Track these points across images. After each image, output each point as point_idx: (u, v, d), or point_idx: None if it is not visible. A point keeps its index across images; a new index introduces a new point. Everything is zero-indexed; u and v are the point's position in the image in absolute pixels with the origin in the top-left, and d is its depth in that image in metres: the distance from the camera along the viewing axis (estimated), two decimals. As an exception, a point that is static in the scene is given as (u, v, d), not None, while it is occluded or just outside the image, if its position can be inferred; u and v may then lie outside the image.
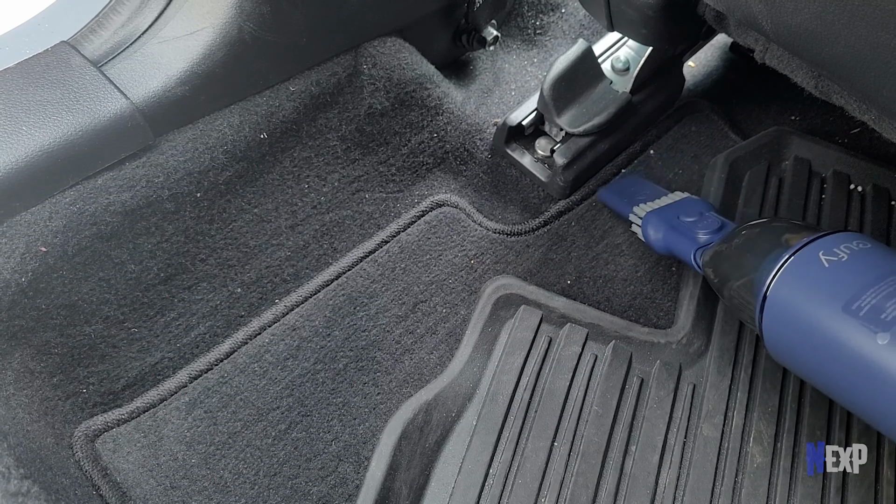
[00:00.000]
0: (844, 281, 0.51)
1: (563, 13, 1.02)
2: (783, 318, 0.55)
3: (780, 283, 0.55)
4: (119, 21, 0.63)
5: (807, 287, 0.53)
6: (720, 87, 0.99)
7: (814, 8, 0.47)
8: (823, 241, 0.55)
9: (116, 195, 0.64)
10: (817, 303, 0.52)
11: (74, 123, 0.58)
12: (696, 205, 0.76)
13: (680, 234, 0.72)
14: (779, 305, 0.55)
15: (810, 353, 0.53)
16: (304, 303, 0.76)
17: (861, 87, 0.51)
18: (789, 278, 0.55)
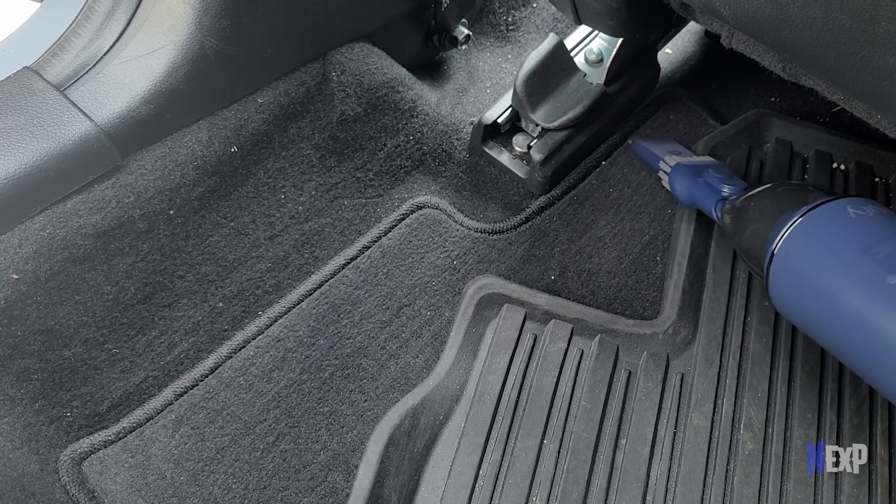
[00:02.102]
0: (869, 229, 0.53)
1: (535, 8, 1.02)
2: (793, 263, 0.57)
3: (789, 240, 0.57)
4: (80, 43, 0.63)
5: (828, 233, 0.55)
6: (698, 73, 0.99)
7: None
8: (854, 199, 0.57)
9: (87, 218, 0.64)
10: (836, 246, 0.54)
11: (39, 149, 0.58)
12: (725, 168, 0.78)
13: (705, 186, 0.74)
14: (786, 262, 0.57)
15: (817, 294, 0.55)
16: (288, 313, 0.76)
17: (823, 69, 0.51)
18: (809, 226, 0.57)
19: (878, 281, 0.49)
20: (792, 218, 0.58)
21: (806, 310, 0.57)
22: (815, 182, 0.84)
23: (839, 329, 0.54)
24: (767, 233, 0.60)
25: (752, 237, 0.63)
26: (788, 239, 0.57)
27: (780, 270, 0.58)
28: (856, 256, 0.51)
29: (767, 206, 0.63)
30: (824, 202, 0.58)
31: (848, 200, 0.57)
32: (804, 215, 0.58)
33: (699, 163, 0.79)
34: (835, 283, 0.53)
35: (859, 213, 0.55)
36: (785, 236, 0.58)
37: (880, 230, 0.53)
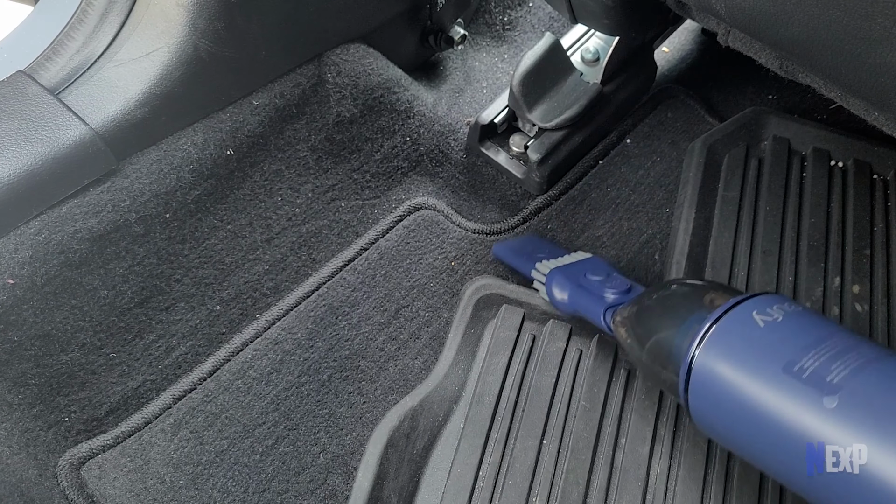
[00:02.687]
0: (783, 341, 0.47)
1: (531, 7, 1.02)
2: (714, 383, 0.49)
3: (711, 345, 0.50)
4: (74, 47, 0.63)
5: (741, 348, 0.48)
6: (696, 71, 0.98)
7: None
8: (756, 300, 0.50)
9: (83, 222, 0.63)
10: (754, 364, 0.47)
11: (34, 153, 0.58)
12: (601, 265, 0.73)
13: (587, 294, 0.68)
14: (708, 369, 0.50)
15: (745, 420, 0.48)
16: (286, 316, 0.76)
17: (820, 67, 0.51)
18: (721, 339, 0.50)
19: (814, 407, 0.43)
20: (696, 337, 0.51)
21: (735, 439, 0.51)
22: (710, 280, 0.77)
23: (778, 461, 0.47)
24: (672, 350, 0.53)
25: (655, 354, 0.56)
26: (700, 362, 0.50)
27: (702, 388, 0.50)
28: (782, 380, 0.45)
29: (666, 317, 0.56)
30: (728, 309, 0.51)
31: (753, 303, 0.50)
32: (710, 330, 0.50)
33: (574, 263, 0.74)
34: (765, 412, 0.46)
35: (767, 320, 0.48)
36: (695, 360, 0.50)
37: (794, 339, 0.47)
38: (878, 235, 0.80)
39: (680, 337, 0.52)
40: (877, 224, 0.81)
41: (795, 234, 0.80)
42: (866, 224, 0.81)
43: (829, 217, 0.81)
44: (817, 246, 0.79)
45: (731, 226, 0.81)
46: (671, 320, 0.54)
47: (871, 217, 0.81)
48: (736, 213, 0.81)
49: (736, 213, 0.81)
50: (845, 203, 0.83)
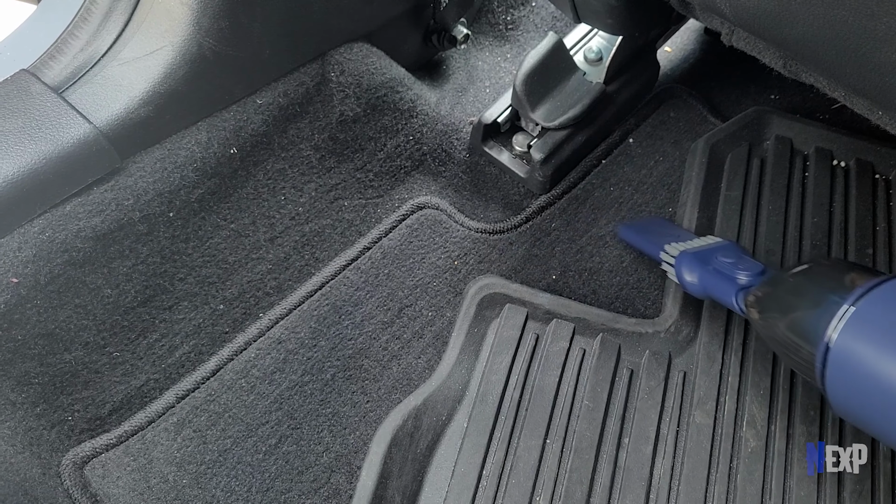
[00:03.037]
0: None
1: (534, 7, 1.02)
2: (854, 365, 0.47)
3: (852, 326, 0.47)
4: (78, 45, 0.63)
5: (884, 337, 0.45)
6: (698, 71, 0.98)
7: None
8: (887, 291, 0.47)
9: (86, 220, 0.63)
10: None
11: (38, 152, 0.58)
12: (733, 249, 0.71)
13: (719, 275, 0.67)
14: (849, 351, 0.47)
15: (889, 404, 0.45)
16: (289, 315, 0.76)
17: (825, 66, 0.51)
18: (860, 325, 0.47)
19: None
20: (832, 320, 0.48)
21: (881, 421, 0.48)
22: (855, 260, 0.78)
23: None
24: (809, 330, 0.51)
25: (790, 334, 0.54)
26: (842, 340, 0.47)
27: (841, 371, 0.48)
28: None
29: (804, 297, 0.54)
30: (866, 292, 0.48)
31: (892, 286, 0.47)
32: (846, 314, 0.48)
33: (704, 247, 0.72)
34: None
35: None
36: (836, 338, 0.48)
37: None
38: (880, 235, 0.81)
39: (817, 317, 0.50)
40: (879, 223, 0.81)
41: (798, 234, 0.80)
42: (868, 223, 0.81)
43: (831, 216, 0.81)
44: (819, 245, 0.79)
45: (734, 225, 0.81)
46: (809, 300, 0.53)
47: (873, 216, 0.82)
48: (738, 213, 0.81)
49: (738, 213, 0.81)
50: (847, 202, 0.83)
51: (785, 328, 0.54)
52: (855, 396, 0.47)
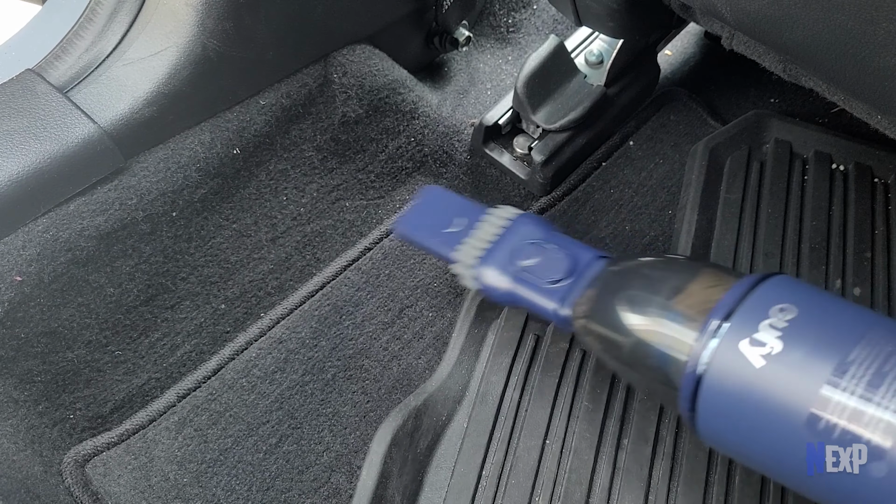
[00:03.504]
0: (792, 389, 0.36)
1: (535, 9, 1.02)
2: (729, 431, 0.40)
3: (710, 393, 0.39)
4: (83, 45, 0.63)
5: (748, 404, 0.38)
6: (698, 74, 0.99)
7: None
8: (738, 324, 0.38)
9: (90, 220, 0.64)
10: (771, 426, 0.37)
11: (42, 151, 0.58)
12: (528, 232, 0.57)
13: (531, 292, 0.54)
14: (714, 416, 0.40)
15: (776, 466, 0.39)
16: (290, 315, 0.76)
17: (824, 70, 0.51)
18: (719, 387, 0.39)
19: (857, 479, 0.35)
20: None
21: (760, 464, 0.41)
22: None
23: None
24: (661, 361, 0.43)
25: (640, 353, 0.45)
26: (705, 407, 0.39)
27: (713, 418, 0.40)
28: (811, 446, 0.36)
29: (644, 316, 0.44)
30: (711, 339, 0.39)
31: (737, 329, 0.38)
32: (703, 375, 0.39)
33: (498, 240, 0.57)
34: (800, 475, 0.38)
35: (764, 354, 0.37)
36: (699, 406, 0.39)
37: (805, 383, 0.35)
38: (879, 238, 0.81)
39: (677, 335, 0.42)
40: (878, 227, 0.82)
41: (797, 237, 0.80)
42: (867, 227, 0.81)
43: (830, 220, 0.82)
44: (819, 248, 0.79)
45: (734, 228, 0.81)
46: (653, 322, 0.44)
47: (872, 220, 0.82)
48: (738, 216, 0.82)
49: (738, 216, 0.82)
50: (846, 206, 0.83)
51: (631, 348, 0.45)
52: (732, 437, 0.40)
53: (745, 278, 0.40)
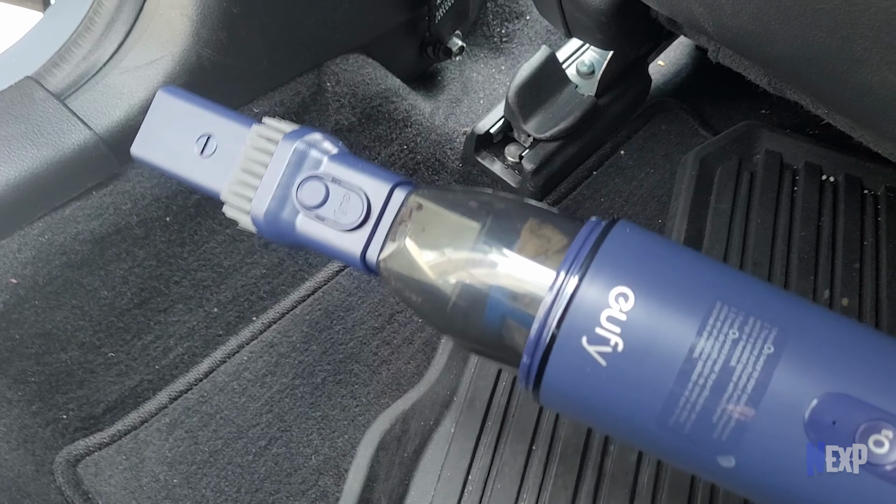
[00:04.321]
0: (639, 390, 0.32)
1: (528, 20, 1.03)
2: (570, 412, 0.37)
3: (552, 384, 0.34)
4: (81, 53, 0.64)
5: (593, 395, 0.34)
6: (690, 85, 1.00)
7: (750, 9, 0.48)
8: (577, 313, 0.33)
9: (85, 224, 0.65)
10: (625, 418, 0.33)
11: (39, 156, 0.59)
12: (307, 159, 0.42)
13: (325, 239, 0.42)
14: (561, 402, 0.36)
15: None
16: (281, 319, 0.77)
17: (805, 85, 0.52)
18: (559, 379, 0.34)
19: (712, 466, 0.32)
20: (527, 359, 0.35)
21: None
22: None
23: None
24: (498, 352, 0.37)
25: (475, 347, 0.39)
26: (547, 395, 0.35)
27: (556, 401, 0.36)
28: (665, 439, 0.33)
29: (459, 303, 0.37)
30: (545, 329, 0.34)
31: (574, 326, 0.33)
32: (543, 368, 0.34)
33: (274, 172, 0.42)
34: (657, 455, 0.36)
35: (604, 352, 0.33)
36: (541, 391, 0.35)
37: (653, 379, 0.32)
38: (867, 249, 0.82)
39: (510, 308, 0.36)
40: (867, 238, 0.82)
41: (786, 247, 0.81)
42: (856, 238, 0.82)
43: (819, 230, 0.83)
44: (808, 259, 0.80)
45: (723, 238, 0.82)
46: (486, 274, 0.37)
47: (861, 231, 0.83)
48: (728, 226, 0.83)
49: (728, 226, 0.83)
50: (836, 217, 0.84)
51: (456, 300, 0.37)
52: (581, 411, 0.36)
53: (581, 236, 0.35)
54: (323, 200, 0.41)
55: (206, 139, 0.45)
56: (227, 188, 0.44)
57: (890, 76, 0.44)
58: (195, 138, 0.45)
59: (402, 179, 0.42)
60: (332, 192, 0.41)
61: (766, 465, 0.30)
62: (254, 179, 0.42)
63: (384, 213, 0.41)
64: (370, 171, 0.42)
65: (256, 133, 0.43)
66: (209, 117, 0.46)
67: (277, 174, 0.42)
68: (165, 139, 0.46)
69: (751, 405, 0.30)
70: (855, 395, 0.29)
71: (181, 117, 0.46)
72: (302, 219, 0.42)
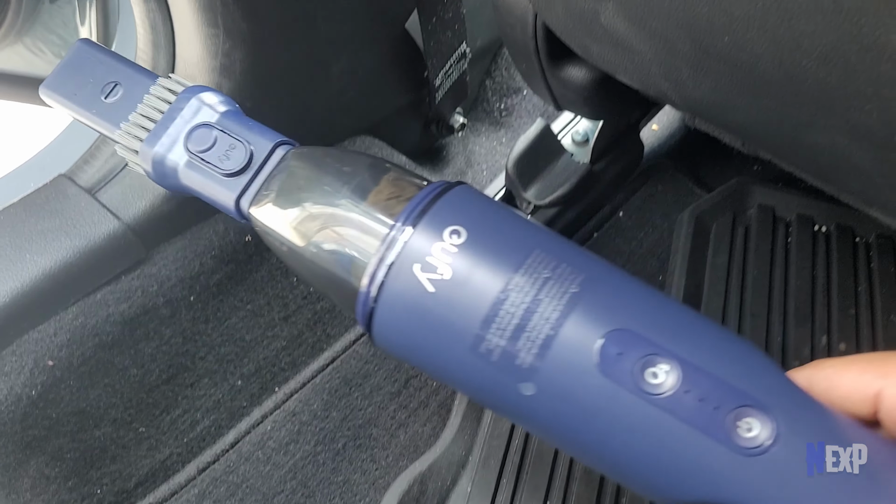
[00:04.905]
0: (460, 314, 0.35)
1: (525, 95, 1.09)
2: (400, 347, 0.38)
3: (385, 312, 0.37)
4: (109, 150, 0.70)
5: (419, 321, 0.36)
6: (684, 146, 1.04)
7: (708, 83, 0.53)
8: (415, 244, 0.36)
9: (115, 307, 0.70)
10: (440, 344, 0.36)
11: (73, 247, 0.65)
12: (200, 109, 0.45)
13: (206, 181, 0.44)
14: (390, 335, 0.37)
15: (448, 383, 0.38)
16: (302, 388, 0.81)
17: (769, 147, 0.56)
18: (394, 309, 0.36)
19: (513, 395, 0.34)
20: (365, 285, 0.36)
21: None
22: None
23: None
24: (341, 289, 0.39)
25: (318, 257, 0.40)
26: (379, 322, 0.37)
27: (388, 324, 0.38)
28: (472, 365, 0.35)
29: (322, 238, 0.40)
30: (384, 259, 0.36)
31: (411, 252, 0.35)
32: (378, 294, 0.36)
33: (166, 115, 0.45)
34: (467, 391, 0.37)
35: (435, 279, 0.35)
36: (374, 319, 0.37)
37: (472, 308, 0.34)
38: (862, 295, 0.84)
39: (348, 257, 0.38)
40: (860, 284, 0.85)
41: (783, 297, 0.84)
42: (850, 285, 0.84)
43: (814, 279, 0.85)
44: (804, 307, 0.83)
45: (721, 290, 0.85)
46: (335, 224, 0.40)
47: (854, 278, 0.85)
48: (725, 279, 0.86)
49: (725, 279, 0.86)
50: (830, 265, 0.87)
51: (310, 250, 0.40)
52: (410, 346, 0.38)
53: (426, 189, 0.38)
54: (209, 147, 0.43)
55: (112, 86, 0.46)
56: (122, 128, 0.45)
57: (836, 137, 0.48)
58: (102, 85, 0.47)
59: (286, 140, 0.45)
60: (219, 141, 0.43)
61: (559, 390, 0.32)
62: (148, 123, 0.45)
63: (264, 165, 0.43)
64: (258, 128, 0.45)
65: (160, 84, 0.46)
66: (119, 68, 0.48)
67: (170, 120, 0.44)
68: (74, 82, 0.48)
69: (552, 332, 0.32)
70: (638, 332, 0.32)
71: (93, 64, 0.48)
72: (187, 162, 0.44)
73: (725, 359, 0.32)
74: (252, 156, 0.43)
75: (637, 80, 0.59)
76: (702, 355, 0.32)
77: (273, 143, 0.43)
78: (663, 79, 0.56)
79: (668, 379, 0.31)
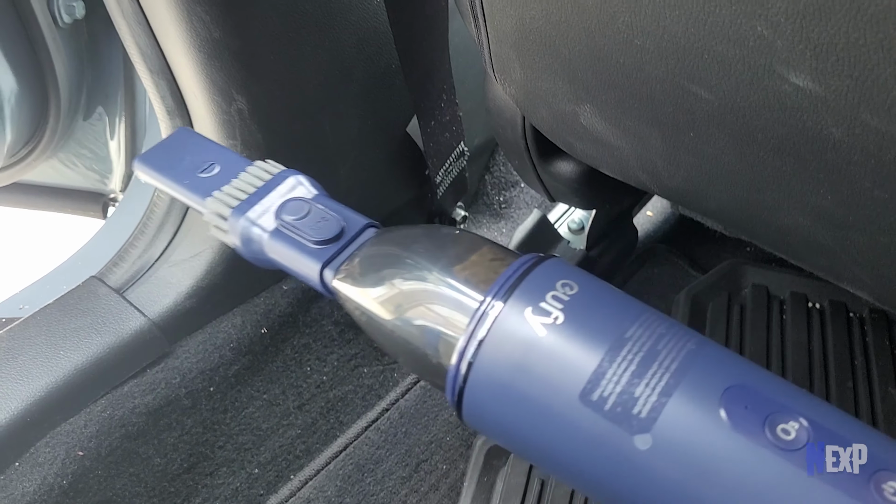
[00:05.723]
0: (572, 358, 0.34)
1: (523, 188, 1.15)
2: (497, 401, 0.37)
3: (485, 359, 0.36)
4: (136, 253, 0.76)
5: (524, 367, 0.35)
6: (678, 230, 1.09)
7: (681, 174, 0.58)
8: (525, 290, 0.36)
9: (140, 398, 0.74)
10: (547, 392, 0.35)
11: (102, 343, 0.69)
12: (295, 188, 0.47)
13: (293, 250, 0.44)
14: (487, 387, 0.36)
15: (547, 447, 0.36)
16: (317, 475, 0.84)
17: (745, 230, 0.61)
18: (495, 352, 0.36)
19: (626, 448, 0.32)
20: (463, 342, 0.36)
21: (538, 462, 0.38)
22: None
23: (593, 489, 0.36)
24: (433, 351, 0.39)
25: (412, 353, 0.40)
26: (475, 378, 0.36)
27: (477, 412, 0.37)
28: (582, 413, 0.33)
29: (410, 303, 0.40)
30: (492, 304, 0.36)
31: (523, 296, 0.36)
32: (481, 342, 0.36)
33: (262, 192, 0.46)
34: (568, 448, 0.35)
35: (547, 323, 0.35)
36: (470, 375, 0.36)
37: (587, 351, 0.34)
38: (859, 368, 0.86)
39: (441, 336, 0.38)
40: (856, 357, 0.87)
41: (781, 371, 0.86)
42: (847, 358, 0.87)
43: (810, 354, 0.87)
44: (801, 381, 0.85)
45: (718, 368, 0.87)
46: (427, 295, 0.40)
47: (850, 352, 0.87)
48: (722, 357, 0.88)
49: (722, 357, 0.88)
50: (825, 340, 0.89)
51: (398, 323, 0.40)
52: (501, 423, 0.37)
53: (525, 256, 0.39)
54: (302, 217, 0.44)
55: (209, 164, 0.49)
56: (214, 195, 0.46)
57: (800, 219, 0.52)
58: (198, 162, 0.49)
59: (377, 224, 0.46)
60: (312, 212, 0.44)
61: (680, 442, 0.32)
62: (241, 195, 0.46)
63: (355, 240, 0.44)
64: (351, 210, 0.46)
65: (257, 165, 0.48)
66: (217, 150, 0.50)
67: (265, 193, 0.46)
68: (170, 159, 0.49)
69: (674, 381, 0.32)
70: (759, 390, 0.33)
71: (191, 146, 0.50)
72: (275, 230, 0.44)
73: (848, 421, 0.33)
74: (344, 230, 0.44)
75: (619, 172, 0.64)
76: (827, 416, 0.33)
77: (365, 222, 0.45)
78: (641, 171, 0.61)
79: (801, 435, 0.32)
